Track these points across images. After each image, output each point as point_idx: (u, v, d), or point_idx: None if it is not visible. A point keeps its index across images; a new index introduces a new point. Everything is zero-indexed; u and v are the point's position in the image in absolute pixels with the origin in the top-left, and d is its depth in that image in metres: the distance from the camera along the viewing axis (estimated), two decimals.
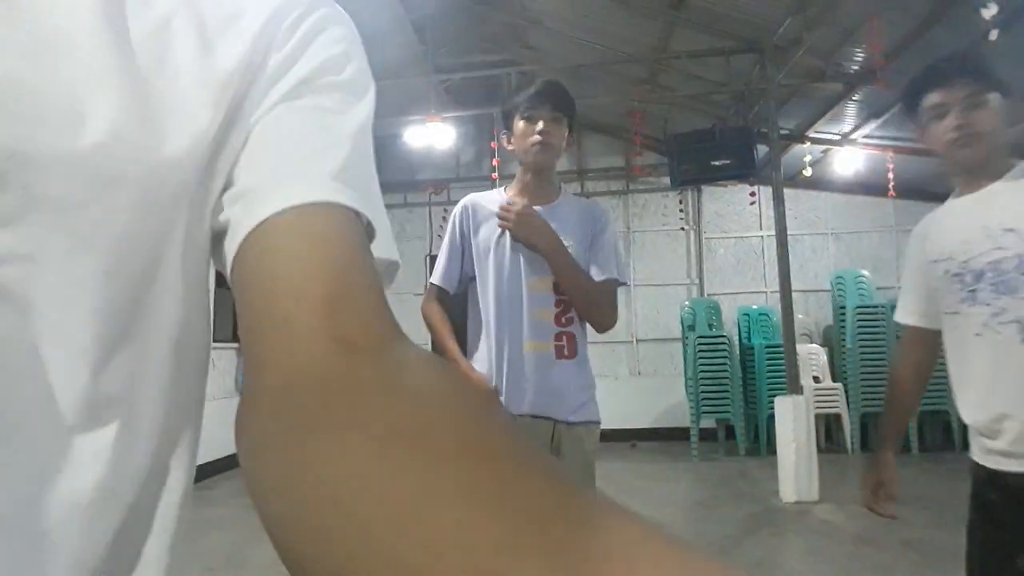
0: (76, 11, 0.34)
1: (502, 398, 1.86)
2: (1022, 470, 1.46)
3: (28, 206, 0.31)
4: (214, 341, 0.67)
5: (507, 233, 1.89)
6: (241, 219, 0.36)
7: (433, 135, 6.57)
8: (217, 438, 1.32)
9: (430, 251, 8.50)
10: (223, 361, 6.48)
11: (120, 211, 0.34)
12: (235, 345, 6.43)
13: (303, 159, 0.38)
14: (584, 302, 1.89)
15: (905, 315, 1.76)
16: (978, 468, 1.55)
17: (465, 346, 1.97)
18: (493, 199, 1.97)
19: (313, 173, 0.37)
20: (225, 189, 0.38)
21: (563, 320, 1.89)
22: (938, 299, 1.63)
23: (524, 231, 1.86)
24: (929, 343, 1.72)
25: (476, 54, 7.60)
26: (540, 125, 1.87)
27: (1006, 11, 3.91)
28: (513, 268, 1.89)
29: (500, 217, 1.88)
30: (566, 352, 1.88)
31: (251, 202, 0.36)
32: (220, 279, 0.43)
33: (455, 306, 2.02)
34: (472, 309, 1.98)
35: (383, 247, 0.40)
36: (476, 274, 1.94)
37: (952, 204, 1.64)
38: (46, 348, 0.32)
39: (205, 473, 5.79)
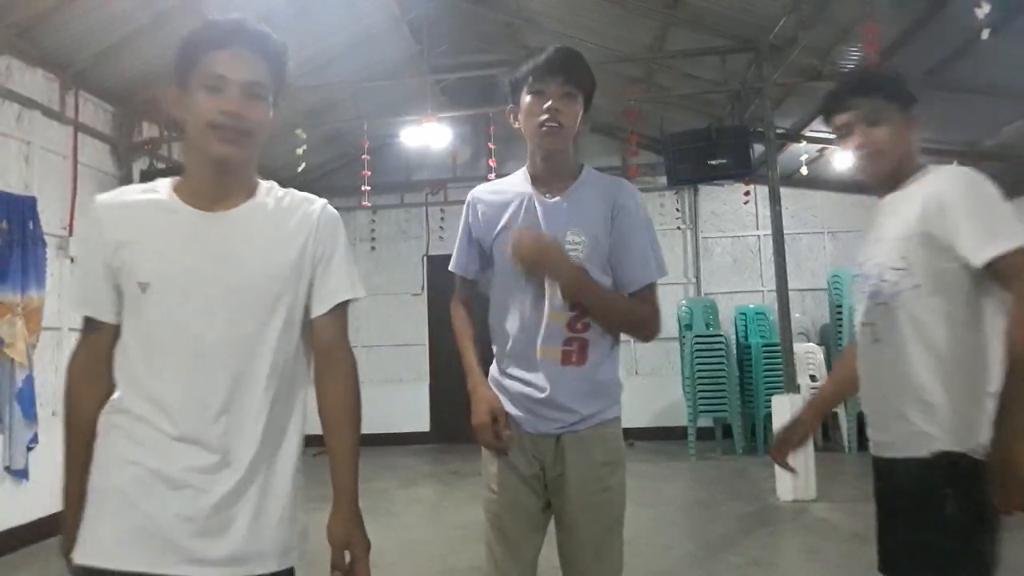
0: (259, 221, 1.33)
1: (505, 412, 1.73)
2: (874, 455, 1.65)
3: None
4: None
5: (532, 227, 1.68)
6: (318, 306, 1.35)
7: (429, 135, 6.56)
8: None
9: (427, 251, 8.49)
10: None
11: (284, 299, 1.32)
12: None
13: (333, 284, 1.36)
14: (620, 326, 1.71)
15: None
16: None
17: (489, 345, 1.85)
18: (502, 189, 1.79)
19: (335, 291, 1.36)
20: (310, 283, 1.35)
21: (578, 326, 1.68)
22: None
23: (534, 268, 1.65)
24: None
25: (472, 54, 7.59)
26: (549, 102, 1.62)
27: (999, 10, 3.92)
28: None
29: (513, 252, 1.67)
30: (574, 359, 1.69)
31: (322, 300, 1.35)
32: None
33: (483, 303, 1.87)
34: (493, 311, 1.81)
35: (353, 292, 1.38)
36: (496, 268, 1.77)
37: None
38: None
39: None
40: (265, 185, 1.37)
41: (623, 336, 1.77)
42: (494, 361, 1.81)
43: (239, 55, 1.25)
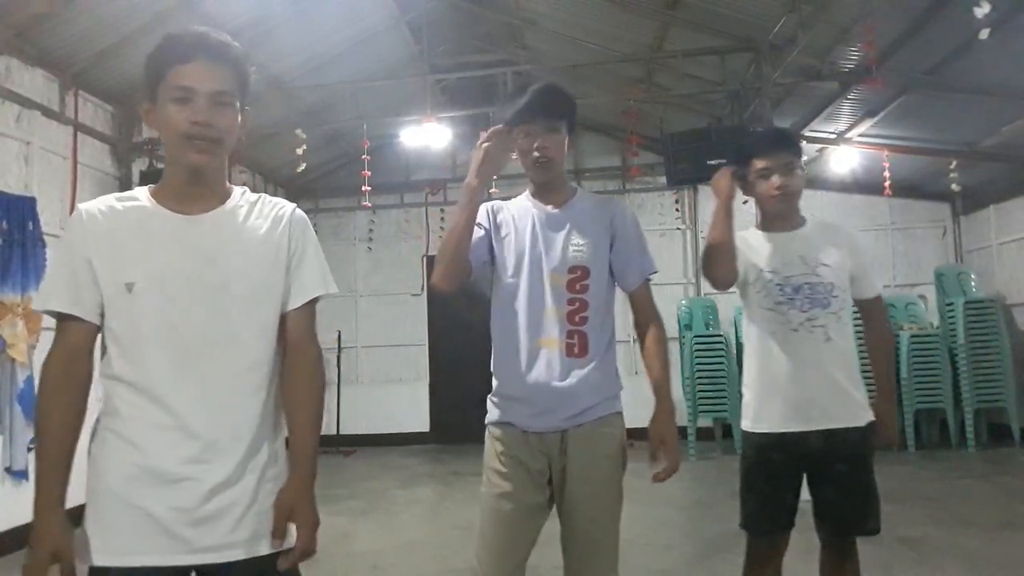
0: (234, 228, 1.41)
1: (509, 402, 1.86)
2: (804, 429, 2.17)
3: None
4: None
5: (533, 229, 1.88)
6: (291, 301, 1.44)
7: (429, 135, 6.57)
8: None
9: (427, 252, 8.49)
10: None
11: (262, 295, 1.41)
12: None
13: (304, 282, 1.45)
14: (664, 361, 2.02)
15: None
16: (760, 436, 2.36)
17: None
18: (511, 204, 1.98)
19: (307, 287, 1.45)
20: (285, 282, 1.44)
21: (576, 319, 1.85)
22: (753, 294, 2.26)
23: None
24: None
25: (472, 54, 7.59)
26: (538, 141, 1.84)
27: (998, 10, 3.92)
28: (535, 263, 1.86)
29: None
30: (576, 351, 1.84)
31: (295, 296, 1.44)
32: None
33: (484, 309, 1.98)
34: (495, 311, 1.94)
35: (325, 288, 1.47)
36: (498, 270, 1.91)
37: (767, 235, 2.32)
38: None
39: None
40: (238, 190, 1.45)
41: (624, 336, 1.85)
42: (492, 365, 1.93)
43: (204, 66, 1.30)
